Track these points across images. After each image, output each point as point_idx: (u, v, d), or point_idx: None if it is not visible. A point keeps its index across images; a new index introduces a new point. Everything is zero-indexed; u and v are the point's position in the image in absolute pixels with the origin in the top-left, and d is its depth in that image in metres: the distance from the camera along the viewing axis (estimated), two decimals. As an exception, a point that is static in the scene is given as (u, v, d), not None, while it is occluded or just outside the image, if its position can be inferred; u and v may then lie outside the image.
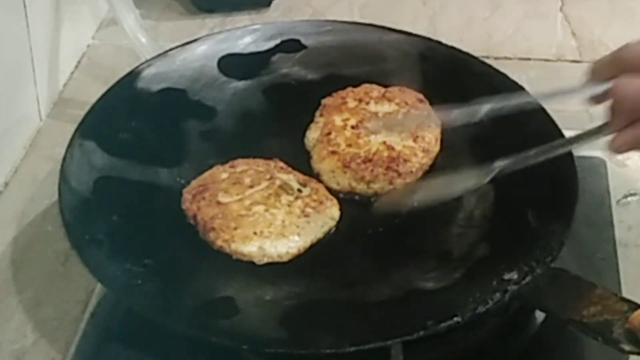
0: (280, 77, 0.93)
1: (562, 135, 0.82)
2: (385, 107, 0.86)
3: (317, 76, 0.93)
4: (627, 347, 0.64)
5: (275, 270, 0.75)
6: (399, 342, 0.68)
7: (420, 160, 0.83)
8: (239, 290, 0.73)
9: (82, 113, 0.85)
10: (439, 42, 0.93)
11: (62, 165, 0.79)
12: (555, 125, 0.83)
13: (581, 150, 0.88)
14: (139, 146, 0.84)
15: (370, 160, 0.82)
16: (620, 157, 0.91)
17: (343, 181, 0.81)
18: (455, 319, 0.68)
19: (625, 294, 0.73)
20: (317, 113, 0.87)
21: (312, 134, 0.85)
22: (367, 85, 0.89)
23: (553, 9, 1.13)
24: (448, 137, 0.85)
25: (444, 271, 0.75)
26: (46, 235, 0.85)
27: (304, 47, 0.94)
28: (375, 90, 0.88)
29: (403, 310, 0.71)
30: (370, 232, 0.79)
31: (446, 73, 0.90)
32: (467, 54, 0.92)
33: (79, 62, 1.07)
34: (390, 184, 0.81)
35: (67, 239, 0.74)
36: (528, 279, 0.71)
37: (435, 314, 0.69)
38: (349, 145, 0.83)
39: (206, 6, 1.15)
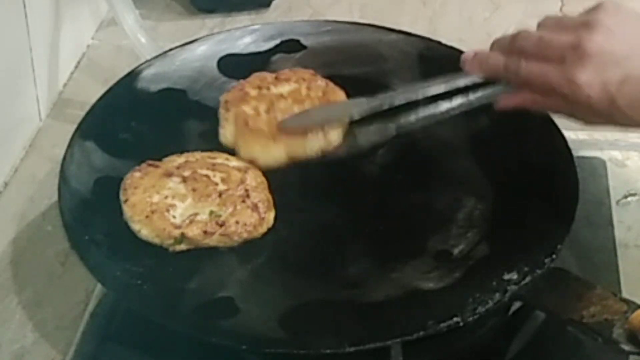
0: (280, 77, 0.93)
1: (561, 135, 0.82)
2: (286, 87, 0.86)
3: (316, 76, 0.93)
4: (627, 348, 0.64)
5: (274, 270, 0.75)
6: (398, 343, 0.68)
7: None
8: (239, 290, 0.73)
9: (82, 113, 0.85)
10: (439, 42, 0.93)
11: (62, 166, 0.79)
12: (555, 125, 0.83)
13: (581, 151, 0.88)
14: (139, 146, 0.84)
15: None
16: (620, 157, 0.92)
17: (279, 153, 0.81)
18: (455, 319, 0.68)
19: (625, 294, 0.73)
20: (221, 111, 0.85)
21: (228, 131, 0.84)
22: (256, 74, 0.88)
23: (553, 9, 1.13)
24: (447, 137, 0.85)
25: (444, 271, 0.75)
26: (46, 236, 0.85)
27: (304, 47, 0.94)
28: (268, 76, 0.88)
29: (403, 310, 0.71)
30: (369, 232, 0.79)
31: (446, 73, 0.90)
32: (467, 54, 0.91)
33: (78, 62, 1.07)
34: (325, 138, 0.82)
35: (67, 239, 0.74)
36: (528, 279, 0.71)
37: (435, 314, 0.69)
38: (273, 127, 0.82)
39: (206, 6, 1.15)
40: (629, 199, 0.87)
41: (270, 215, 0.78)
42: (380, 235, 0.79)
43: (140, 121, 0.86)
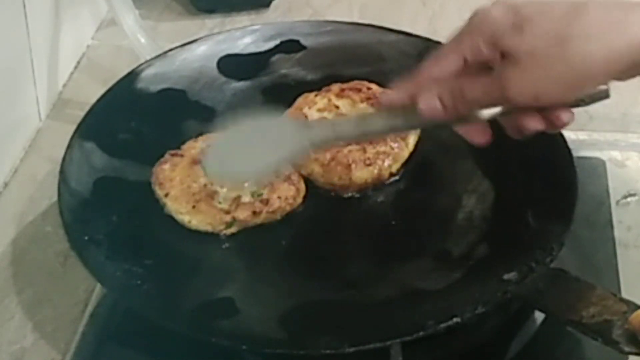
0: (279, 77, 0.93)
1: (561, 135, 0.82)
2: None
3: (316, 77, 0.93)
4: (626, 348, 0.64)
5: (274, 270, 0.76)
6: (398, 343, 0.68)
7: None
8: (239, 290, 0.73)
9: (81, 113, 0.85)
10: (439, 42, 0.93)
11: (62, 166, 0.79)
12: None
13: (581, 151, 0.88)
14: (139, 146, 0.84)
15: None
16: (619, 157, 0.92)
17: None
18: (455, 319, 0.68)
19: (625, 294, 0.73)
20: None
21: None
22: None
23: (552, 9, 1.13)
24: (447, 137, 0.85)
25: (444, 271, 0.75)
26: (46, 236, 0.85)
27: (304, 47, 0.95)
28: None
29: (402, 310, 0.71)
30: (369, 232, 0.79)
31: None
32: (466, 54, 0.91)
33: (78, 62, 1.07)
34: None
35: (67, 239, 0.74)
36: (528, 279, 0.71)
37: (434, 314, 0.69)
38: None
39: (206, 6, 1.15)
40: (629, 199, 0.87)
41: (302, 184, 0.80)
42: (380, 235, 0.79)
43: (140, 121, 0.86)
